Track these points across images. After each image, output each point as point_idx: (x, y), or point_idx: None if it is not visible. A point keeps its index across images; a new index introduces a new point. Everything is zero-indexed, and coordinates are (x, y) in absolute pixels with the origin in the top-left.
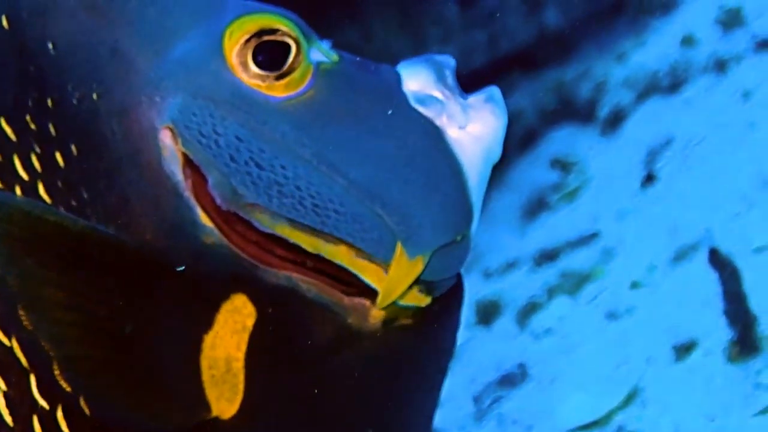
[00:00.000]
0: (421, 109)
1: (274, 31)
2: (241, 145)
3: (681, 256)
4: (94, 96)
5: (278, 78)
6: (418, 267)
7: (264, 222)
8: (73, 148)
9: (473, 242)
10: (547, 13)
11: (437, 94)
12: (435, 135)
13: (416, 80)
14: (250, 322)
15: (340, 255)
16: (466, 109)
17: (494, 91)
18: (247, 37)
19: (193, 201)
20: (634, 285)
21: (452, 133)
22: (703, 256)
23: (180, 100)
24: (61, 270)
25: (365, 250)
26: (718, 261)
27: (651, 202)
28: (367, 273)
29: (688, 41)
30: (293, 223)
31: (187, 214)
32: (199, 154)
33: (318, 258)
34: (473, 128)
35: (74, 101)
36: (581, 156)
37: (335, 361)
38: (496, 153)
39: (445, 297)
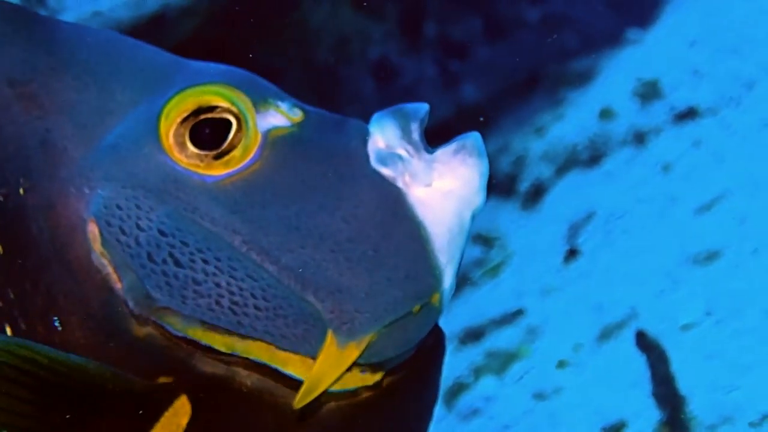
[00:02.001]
0: (382, 169)
1: (212, 108)
2: (163, 241)
3: (607, 334)
4: (21, 191)
5: (217, 157)
6: (350, 355)
7: (176, 326)
8: None
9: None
10: (463, 87)
11: (401, 151)
12: (393, 199)
13: (382, 136)
14: (185, 420)
15: (258, 351)
16: (432, 164)
17: (468, 139)
18: (184, 115)
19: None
20: (561, 364)
21: (416, 193)
22: (629, 334)
23: (108, 191)
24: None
25: (286, 349)
26: (646, 344)
27: (575, 278)
28: (291, 364)
29: (606, 114)
30: (206, 324)
31: (118, 307)
32: (116, 255)
33: None
34: (441, 184)
35: (0, 198)
36: (503, 231)
37: None
38: (475, 202)
39: (415, 362)
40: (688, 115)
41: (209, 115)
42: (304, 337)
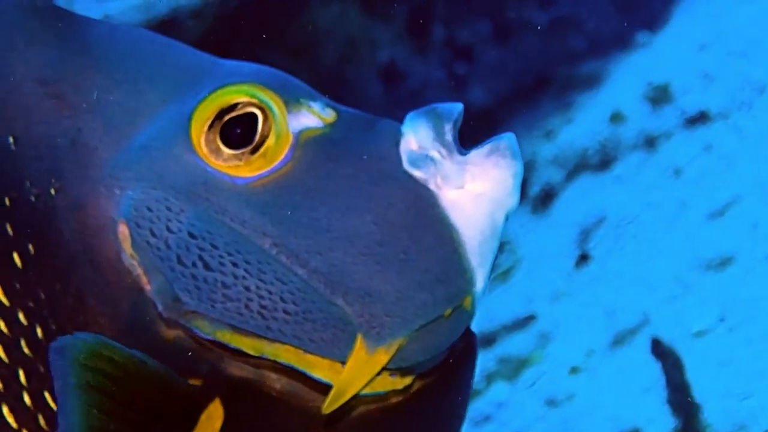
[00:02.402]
0: (414, 172)
1: (233, 107)
2: (192, 243)
3: (620, 340)
4: (52, 191)
5: (254, 151)
6: (379, 360)
7: (204, 329)
8: (30, 247)
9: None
10: (471, 90)
11: (434, 153)
12: (425, 201)
13: (415, 137)
14: (218, 424)
15: (286, 354)
16: (464, 166)
17: (502, 140)
18: (208, 123)
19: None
20: (573, 370)
21: (449, 195)
22: (641, 340)
23: (138, 192)
24: None
25: (314, 353)
26: (660, 351)
27: (586, 283)
28: (318, 368)
29: (616, 118)
30: (235, 328)
31: (147, 309)
32: (146, 257)
33: None
34: (474, 186)
35: (32, 198)
36: (513, 235)
37: None
38: (508, 204)
39: (446, 366)
40: (699, 119)
41: (233, 114)
42: (333, 342)
